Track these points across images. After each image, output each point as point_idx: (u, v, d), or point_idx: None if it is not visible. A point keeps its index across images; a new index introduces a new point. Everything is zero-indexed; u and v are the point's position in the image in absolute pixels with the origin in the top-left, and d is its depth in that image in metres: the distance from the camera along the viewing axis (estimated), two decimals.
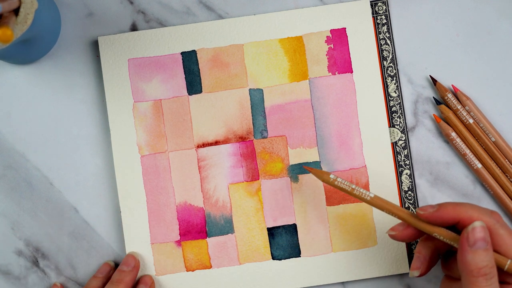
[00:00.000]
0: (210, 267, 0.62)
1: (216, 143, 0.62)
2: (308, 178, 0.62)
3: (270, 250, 0.62)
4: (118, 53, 0.62)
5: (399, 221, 0.55)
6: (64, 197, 0.63)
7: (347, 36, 0.62)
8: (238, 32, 0.62)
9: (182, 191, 0.62)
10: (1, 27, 0.48)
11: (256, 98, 0.62)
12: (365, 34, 0.62)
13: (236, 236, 0.62)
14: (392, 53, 0.63)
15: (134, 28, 0.63)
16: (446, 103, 0.62)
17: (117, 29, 0.63)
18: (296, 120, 0.62)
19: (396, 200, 0.62)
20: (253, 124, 0.62)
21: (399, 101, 0.62)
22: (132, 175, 0.62)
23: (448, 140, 0.62)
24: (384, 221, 0.61)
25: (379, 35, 0.63)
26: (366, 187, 0.62)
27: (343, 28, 0.62)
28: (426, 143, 0.63)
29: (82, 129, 0.63)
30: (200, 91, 0.62)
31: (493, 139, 0.62)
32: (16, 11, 0.52)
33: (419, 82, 0.63)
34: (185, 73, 0.62)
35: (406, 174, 0.62)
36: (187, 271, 0.62)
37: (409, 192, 0.62)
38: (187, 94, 0.62)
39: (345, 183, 0.55)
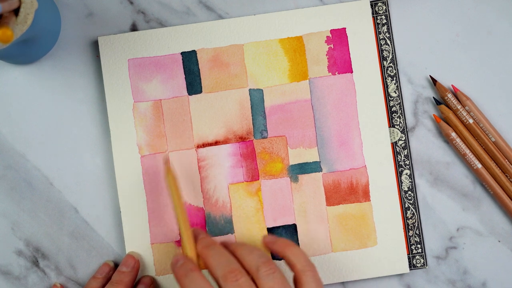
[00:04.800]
0: None
1: (216, 143, 0.62)
2: (308, 178, 0.62)
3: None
4: (118, 53, 0.62)
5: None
6: (64, 197, 0.63)
7: (347, 36, 0.62)
8: (238, 32, 0.62)
9: (182, 191, 0.62)
10: (1, 27, 0.48)
11: (256, 98, 0.62)
12: (365, 34, 0.62)
13: (236, 236, 0.62)
14: (392, 53, 0.63)
15: (134, 28, 0.63)
16: (446, 103, 0.62)
17: (117, 29, 0.63)
18: (296, 120, 0.62)
19: (396, 200, 0.62)
20: (253, 124, 0.62)
21: (399, 101, 0.62)
22: (132, 175, 0.62)
23: (448, 140, 0.62)
24: (384, 221, 0.61)
25: (379, 35, 0.63)
26: (366, 187, 0.62)
27: (343, 28, 0.62)
28: (426, 143, 0.63)
29: (82, 129, 0.63)
30: (200, 91, 0.62)
31: (493, 139, 0.62)
32: (16, 11, 0.52)
33: (419, 82, 0.63)
34: (185, 73, 0.62)
35: (406, 174, 0.62)
36: None
37: (409, 192, 0.62)
38: (187, 94, 0.62)
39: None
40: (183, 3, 0.63)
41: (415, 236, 0.62)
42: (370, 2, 0.63)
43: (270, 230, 0.62)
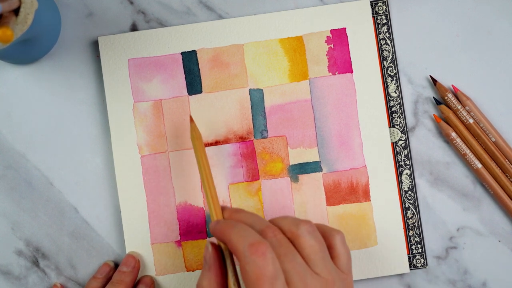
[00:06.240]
0: None
1: (216, 143, 0.62)
2: (308, 178, 0.62)
3: None
4: (118, 53, 0.62)
5: None
6: (64, 197, 0.63)
7: (347, 36, 0.62)
8: (238, 32, 0.62)
9: (182, 191, 0.62)
10: (1, 27, 0.48)
11: (256, 98, 0.62)
12: (365, 34, 0.62)
13: None
14: (392, 53, 0.63)
15: (134, 28, 0.63)
16: (446, 103, 0.62)
17: (117, 29, 0.63)
18: (296, 120, 0.62)
19: (396, 200, 0.62)
20: (253, 124, 0.62)
21: (399, 101, 0.62)
22: (132, 175, 0.62)
23: (448, 140, 0.62)
24: (384, 221, 0.61)
25: (379, 35, 0.63)
26: (366, 187, 0.62)
27: (343, 28, 0.62)
28: (426, 143, 0.63)
29: (82, 129, 0.63)
30: (200, 91, 0.62)
31: (493, 139, 0.62)
32: (16, 11, 0.52)
33: (419, 82, 0.63)
34: (185, 73, 0.62)
35: (406, 174, 0.62)
36: (187, 271, 0.62)
37: (409, 192, 0.62)
38: (187, 94, 0.62)
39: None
40: (183, 3, 0.63)
41: (415, 236, 0.62)
42: (370, 2, 0.63)
43: None
